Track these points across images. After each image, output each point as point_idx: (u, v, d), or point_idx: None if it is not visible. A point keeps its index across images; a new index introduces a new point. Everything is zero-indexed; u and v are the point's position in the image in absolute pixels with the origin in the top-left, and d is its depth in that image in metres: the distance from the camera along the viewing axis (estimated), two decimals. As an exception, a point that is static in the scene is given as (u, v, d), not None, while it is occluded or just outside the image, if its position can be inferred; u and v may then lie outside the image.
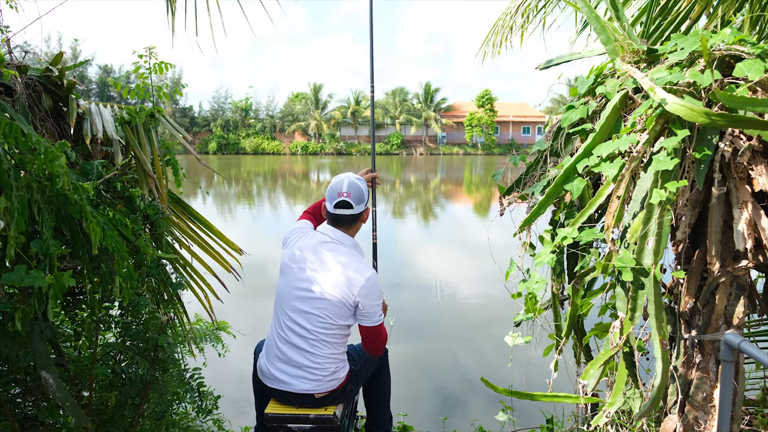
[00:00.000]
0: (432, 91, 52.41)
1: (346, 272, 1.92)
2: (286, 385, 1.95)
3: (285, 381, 1.95)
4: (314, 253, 1.97)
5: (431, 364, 4.61)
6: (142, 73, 2.17)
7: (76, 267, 1.90)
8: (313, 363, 1.93)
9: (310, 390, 1.95)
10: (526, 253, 1.92)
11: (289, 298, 1.96)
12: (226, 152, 52.27)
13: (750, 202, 1.48)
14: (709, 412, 1.68)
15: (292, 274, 1.97)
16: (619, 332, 1.59)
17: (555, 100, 43.01)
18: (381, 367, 2.32)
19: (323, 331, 1.93)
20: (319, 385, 1.95)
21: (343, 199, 1.98)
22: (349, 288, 1.91)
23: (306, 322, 1.92)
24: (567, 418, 2.78)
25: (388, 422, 2.40)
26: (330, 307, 1.92)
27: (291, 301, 1.95)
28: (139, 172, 2.10)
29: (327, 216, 2.05)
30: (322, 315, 1.92)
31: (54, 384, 1.54)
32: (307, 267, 1.95)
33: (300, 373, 1.94)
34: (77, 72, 39.11)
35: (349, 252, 1.98)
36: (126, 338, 2.04)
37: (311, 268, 1.94)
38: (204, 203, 15.27)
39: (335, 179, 2.04)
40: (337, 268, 1.93)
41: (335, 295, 1.90)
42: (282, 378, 1.96)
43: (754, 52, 1.51)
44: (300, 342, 1.93)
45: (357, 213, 2.01)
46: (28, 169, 1.29)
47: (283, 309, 1.98)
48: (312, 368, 1.94)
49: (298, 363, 1.94)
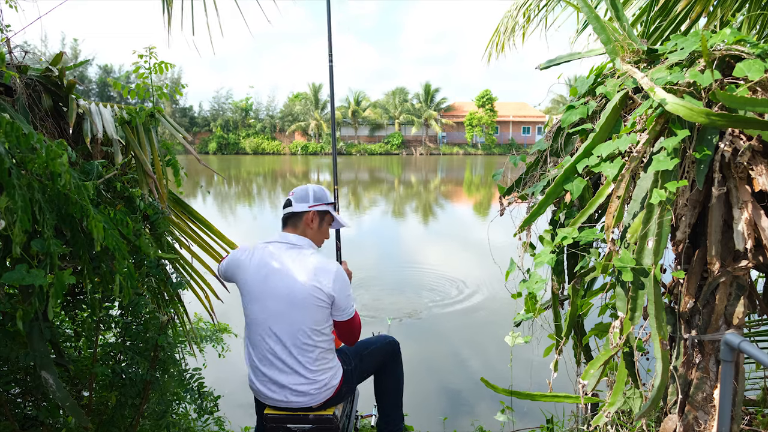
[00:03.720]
0: (432, 91, 52.42)
1: (315, 272, 1.83)
2: (283, 402, 1.92)
3: (280, 399, 1.92)
4: (275, 263, 1.87)
5: (432, 364, 4.62)
6: (142, 73, 2.17)
7: (76, 266, 1.90)
8: (304, 380, 1.88)
9: (307, 403, 1.92)
10: (526, 253, 1.91)
11: (265, 320, 1.87)
12: (226, 152, 52.28)
13: (750, 202, 1.48)
14: (709, 412, 1.68)
15: (261, 294, 1.86)
16: (619, 332, 1.60)
17: (555, 100, 43.06)
18: (391, 360, 2.28)
19: (308, 344, 1.86)
20: (315, 398, 1.92)
21: (287, 198, 2.01)
22: (321, 286, 1.82)
23: (289, 341, 1.85)
24: (567, 418, 2.78)
25: (400, 420, 2.35)
26: (310, 313, 1.83)
27: (268, 324, 1.86)
28: (139, 172, 2.10)
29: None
30: (303, 327, 1.84)
31: (54, 384, 1.54)
32: (274, 282, 1.84)
33: (293, 392, 1.89)
34: (77, 72, 39.13)
35: (306, 252, 1.91)
36: (126, 338, 2.04)
37: (279, 282, 1.84)
38: (204, 203, 15.27)
39: None
40: (304, 271, 1.84)
41: (312, 296, 1.82)
42: (277, 397, 1.92)
43: (754, 52, 1.51)
44: (287, 363, 1.87)
45: (297, 211, 1.95)
46: (29, 168, 1.29)
47: (260, 334, 1.88)
48: (305, 385, 1.88)
49: (288, 385, 1.88)
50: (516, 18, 3.57)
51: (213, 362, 2.98)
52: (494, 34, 3.83)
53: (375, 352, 2.24)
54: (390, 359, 2.30)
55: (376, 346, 2.27)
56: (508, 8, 3.68)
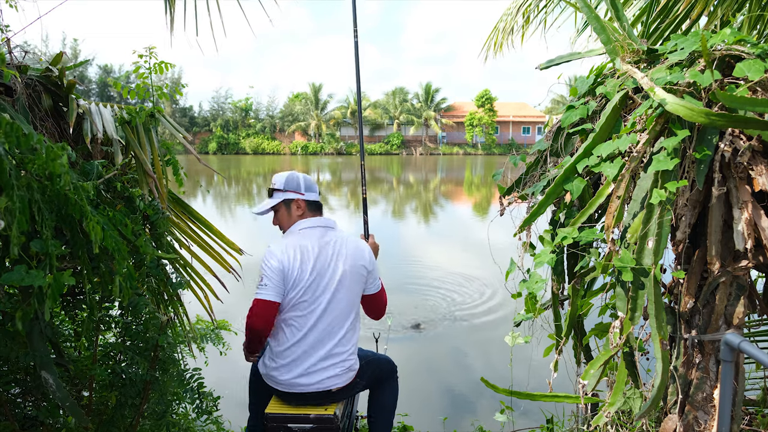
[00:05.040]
0: (432, 91, 52.42)
1: (356, 249, 2.00)
2: (320, 385, 1.95)
3: (311, 383, 1.95)
4: (326, 248, 1.96)
5: (432, 364, 4.62)
6: (142, 73, 2.17)
7: (75, 267, 1.90)
8: (345, 351, 1.97)
9: (339, 384, 1.98)
10: (526, 253, 1.91)
11: (318, 299, 1.92)
12: (226, 152, 52.26)
13: (750, 202, 1.48)
14: (709, 412, 1.68)
15: (329, 281, 1.94)
16: (619, 332, 1.59)
17: (555, 100, 43.02)
18: (389, 377, 2.29)
19: (353, 317, 1.99)
20: (343, 377, 1.98)
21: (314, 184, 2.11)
22: (363, 261, 1.99)
23: (341, 314, 1.95)
24: (567, 418, 2.78)
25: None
26: (359, 288, 2.00)
27: (321, 302, 1.92)
28: (139, 172, 2.10)
29: (308, 206, 2.05)
30: (356, 301, 1.99)
31: (54, 384, 1.54)
32: (328, 263, 1.95)
33: (335, 368, 1.96)
34: (77, 72, 39.12)
35: (340, 232, 2.05)
36: (126, 338, 2.04)
37: (332, 262, 1.95)
38: (204, 203, 15.26)
39: (298, 172, 2.10)
40: (348, 250, 1.98)
41: (357, 274, 1.98)
42: (318, 381, 1.95)
43: (754, 52, 1.51)
44: (336, 335, 1.95)
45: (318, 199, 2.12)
46: (28, 169, 1.29)
47: (318, 318, 1.93)
48: (344, 358, 1.97)
49: (335, 358, 1.95)
50: (515, 18, 3.57)
51: (214, 362, 2.98)
52: (492, 33, 3.83)
53: (377, 364, 2.24)
54: (388, 376, 2.29)
55: (380, 359, 2.29)
56: (508, 7, 3.68)
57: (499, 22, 3.75)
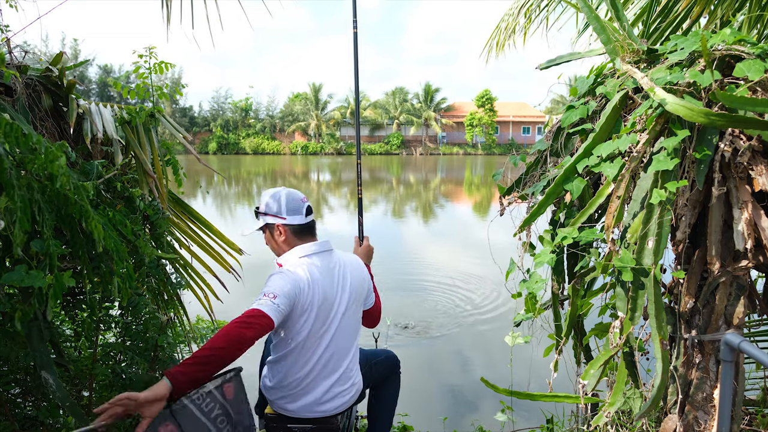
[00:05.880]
0: (432, 91, 52.43)
1: (356, 268, 1.94)
2: (337, 411, 1.90)
3: (337, 408, 1.90)
4: (331, 273, 1.84)
5: (432, 364, 4.61)
6: (142, 73, 2.17)
7: (75, 267, 1.90)
8: (353, 370, 1.94)
9: (351, 403, 1.94)
10: (526, 253, 1.91)
11: (330, 326, 1.82)
12: (226, 152, 52.27)
13: (750, 202, 1.48)
14: (709, 412, 1.68)
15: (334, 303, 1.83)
16: (619, 332, 1.59)
17: (555, 100, 43.05)
18: (392, 374, 2.28)
19: (358, 336, 1.95)
20: (355, 395, 1.95)
21: (309, 204, 1.88)
22: (365, 282, 1.96)
23: (354, 339, 1.93)
24: (567, 418, 2.78)
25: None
26: (360, 308, 1.95)
27: (332, 329, 1.83)
28: (139, 172, 2.10)
29: (300, 230, 1.85)
30: (357, 320, 1.94)
31: (54, 384, 1.54)
32: (335, 290, 1.84)
33: (349, 390, 1.91)
34: (77, 72, 39.13)
35: (336, 252, 1.92)
36: (126, 338, 2.04)
37: (338, 288, 1.85)
38: (204, 203, 15.26)
39: (284, 191, 1.86)
40: (351, 271, 1.91)
41: (360, 295, 1.94)
42: (336, 408, 1.89)
43: (754, 52, 1.51)
44: (347, 357, 1.90)
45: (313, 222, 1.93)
46: (28, 169, 1.29)
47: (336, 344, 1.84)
48: (353, 377, 1.93)
49: (345, 382, 1.89)
50: (517, 18, 3.57)
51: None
52: (494, 33, 3.83)
53: (380, 364, 2.23)
54: (392, 372, 2.29)
55: (381, 359, 2.26)
56: (510, 6, 3.68)
57: (501, 21, 3.75)
